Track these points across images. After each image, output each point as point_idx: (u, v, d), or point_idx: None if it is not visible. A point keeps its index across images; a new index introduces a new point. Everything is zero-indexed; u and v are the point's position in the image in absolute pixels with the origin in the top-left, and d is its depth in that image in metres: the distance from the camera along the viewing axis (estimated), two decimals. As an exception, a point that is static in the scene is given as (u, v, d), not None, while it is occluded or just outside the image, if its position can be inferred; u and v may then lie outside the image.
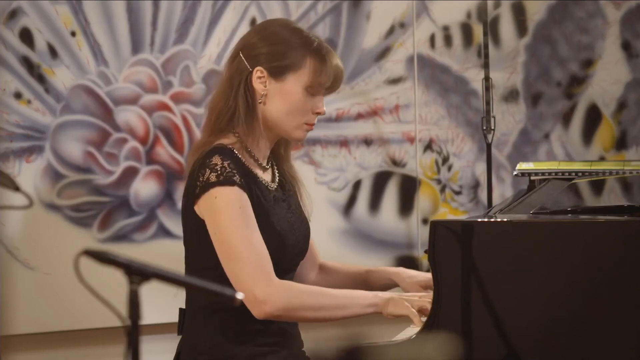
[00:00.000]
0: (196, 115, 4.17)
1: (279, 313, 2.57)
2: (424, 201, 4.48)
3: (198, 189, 2.60)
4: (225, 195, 2.58)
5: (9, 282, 3.99)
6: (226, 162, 2.60)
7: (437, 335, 2.43)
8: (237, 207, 2.58)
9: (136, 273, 1.90)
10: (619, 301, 2.37)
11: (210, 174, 2.59)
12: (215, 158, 2.60)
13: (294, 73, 2.66)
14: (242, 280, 2.56)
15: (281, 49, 2.67)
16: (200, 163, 2.62)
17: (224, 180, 2.58)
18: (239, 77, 2.68)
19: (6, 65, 3.97)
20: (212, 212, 2.59)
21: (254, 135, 2.69)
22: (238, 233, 2.56)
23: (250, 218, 2.59)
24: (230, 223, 2.57)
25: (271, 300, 2.55)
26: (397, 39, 4.43)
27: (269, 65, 2.66)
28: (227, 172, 2.58)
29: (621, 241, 2.40)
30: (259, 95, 2.67)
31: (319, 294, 2.61)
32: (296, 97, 2.66)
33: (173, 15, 4.15)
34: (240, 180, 2.59)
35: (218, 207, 2.58)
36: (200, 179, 2.60)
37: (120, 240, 4.10)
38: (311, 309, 2.59)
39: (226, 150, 2.64)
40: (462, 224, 2.48)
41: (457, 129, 4.51)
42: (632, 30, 4.70)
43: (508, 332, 2.39)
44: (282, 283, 2.59)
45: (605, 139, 4.69)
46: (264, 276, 2.56)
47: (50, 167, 4.03)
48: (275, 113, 2.67)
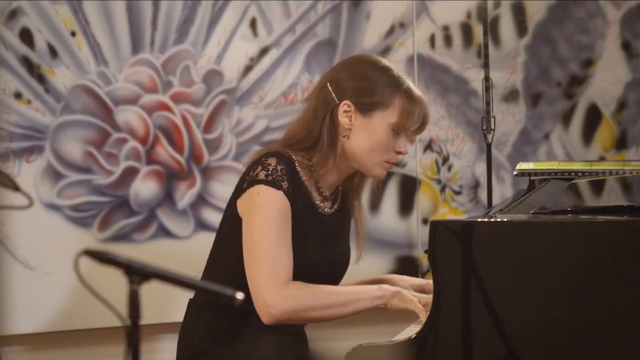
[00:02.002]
0: (196, 115, 4.17)
1: (286, 317, 2.57)
2: (424, 201, 4.48)
3: (246, 183, 2.61)
4: (267, 195, 2.58)
5: (9, 282, 3.99)
6: (280, 166, 2.60)
7: None
8: (276, 210, 2.58)
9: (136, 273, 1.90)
10: (619, 301, 2.37)
11: (261, 171, 2.59)
12: (271, 159, 2.61)
13: (382, 111, 2.65)
14: (256, 282, 2.56)
15: (370, 85, 2.66)
16: (256, 160, 2.63)
17: (271, 181, 2.58)
18: (324, 109, 2.67)
19: (6, 65, 3.98)
20: (250, 208, 2.59)
21: (326, 167, 2.68)
22: (267, 235, 2.56)
23: (285, 225, 2.59)
24: (264, 223, 2.57)
25: (279, 305, 2.55)
26: (397, 39, 4.43)
27: (357, 100, 2.65)
28: (277, 175, 2.59)
29: (621, 241, 2.40)
30: (343, 129, 2.67)
31: (327, 292, 2.61)
32: (381, 135, 2.65)
33: (173, 15, 4.15)
34: (287, 188, 2.59)
35: (257, 204, 2.58)
36: (250, 174, 2.61)
37: (120, 240, 4.10)
38: (320, 308, 2.60)
39: (286, 157, 2.64)
40: (462, 224, 2.48)
41: (457, 129, 4.51)
42: (632, 30, 4.70)
43: (508, 332, 2.39)
44: (292, 286, 2.57)
45: (605, 139, 4.69)
46: (278, 282, 2.55)
47: (50, 167, 4.03)
48: (357, 148, 2.66)
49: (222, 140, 4.22)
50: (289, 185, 2.60)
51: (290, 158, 2.65)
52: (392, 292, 2.61)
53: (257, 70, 4.26)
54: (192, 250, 4.17)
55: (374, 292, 2.62)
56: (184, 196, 4.18)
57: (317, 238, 2.68)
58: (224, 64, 4.22)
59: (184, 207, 4.18)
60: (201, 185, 4.20)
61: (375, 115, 2.65)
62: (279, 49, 4.29)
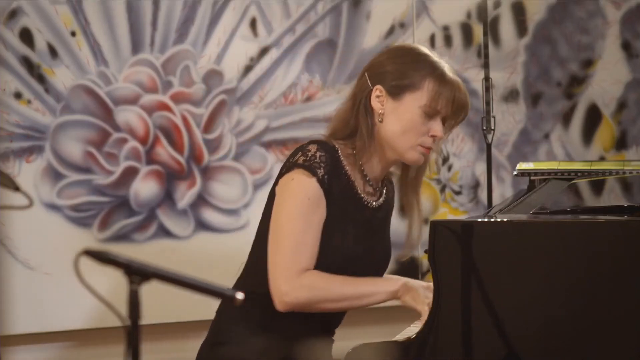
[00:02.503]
0: (196, 115, 4.17)
1: (300, 307, 2.57)
2: (424, 201, 4.47)
3: (285, 168, 2.61)
4: (302, 181, 2.58)
5: (9, 282, 3.99)
6: (320, 153, 2.60)
7: None
8: (307, 197, 2.57)
9: (136, 273, 1.90)
10: (619, 301, 2.37)
11: (300, 156, 2.59)
12: (312, 146, 2.61)
13: (412, 93, 2.63)
14: (275, 268, 2.56)
15: (404, 68, 2.65)
16: (299, 147, 2.64)
17: (308, 166, 2.58)
18: (361, 95, 2.68)
19: (6, 65, 3.98)
20: (282, 192, 2.59)
21: (369, 153, 2.67)
22: (294, 222, 2.56)
23: (314, 214, 2.57)
24: (292, 209, 2.57)
25: (293, 293, 2.55)
26: (397, 39, 4.43)
27: (389, 84, 2.65)
28: (314, 161, 2.59)
29: (621, 241, 2.40)
30: (377, 114, 2.66)
31: (343, 283, 2.60)
32: (412, 117, 2.63)
33: (173, 15, 4.15)
34: (322, 176, 2.58)
35: (289, 189, 2.58)
36: (290, 160, 2.61)
37: (120, 240, 4.10)
38: (334, 300, 2.59)
39: (328, 146, 2.64)
40: (462, 224, 2.48)
41: (457, 129, 4.50)
42: (632, 30, 4.70)
43: (508, 332, 2.39)
44: (308, 275, 2.56)
45: (605, 139, 4.69)
46: (296, 270, 2.55)
47: (50, 167, 4.03)
48: (390, 132, 2.65)
49: (222, 140, 4.22)
50: (325, 173, 2.58)
51: (333, 147, 2.64)
52: (407, 288, 2.61)
53: (257, 70, 4.26)
54: (192, 250, 4.17)
55: (389, 286, 2.61)
56: (184, 196, 4.18)
57: (358, 231, 2.66)
58: (224, 64, 4.22)
59: (184, 207, 4.18)
60: (201, 185, 4.20)
61: (405, 97, 2.64)
62: (279, 49, 4.29)
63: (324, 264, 2.59)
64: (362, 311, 2.71)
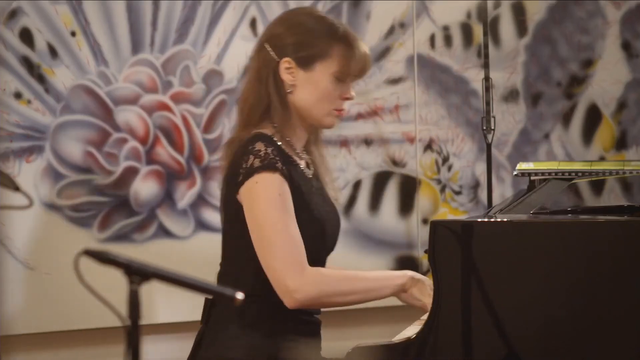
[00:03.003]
0: (196, 115, 4.17)
1: (311, 302, 2.58)
2: (424, 201, 4.48)
3: (241, 175, 2.60)
4: (266, 180, 2.58)
5: (9, 282, 3.99)
6: (269, 149, 2.60)
7: None
8: (277, 193, 2.58)
9: (136, 273, 1.90)
10: (619, 301, 2.37)
11: (254, 159, 2.59)
12: (259, 144, 2.61)
13: (322, 62, 2.67)
14: (274, 269, 2.56)
15: (307, 38, 2.68)
16: (242, 151, 2.62)
17: (267, 165, 2.58)
18: (266, 69, 2.69)
19: (6, 65, 3.98)
20: (251, 197, 2.59)
21: (290, 125, 2.70)
22: (274, 220, 2.56)
23: (289, 206, 2.59)
24: (268, 210, 2.57)
25: (302, 290, 2.55)
26: (397, 39, 4.43)
27: (296, 55, 2.67)
28: (270, 158, 2.59)
29: (621, 241, 2.40)
30: (288, 85, 2.68)
31: (350, 278, 2.62)
32: (325, 85, 2.67)
33: (173, 15, 4.15)
34: (282, 168, 2.60)
35: (258, 192, 2.58)
36: (243, 166, 2.60)
37: (120, 240, 4.10)
38: (343, 294, 2.61)
39: (268, 137, 2.65)
40: (462, 224, 2.48)
41: (457, 129, 4.51)
42: (632, 30, 4.70)
43: (508, 332, 2.39)
44: (314, 271, 2.58)
45: (605, 139, 4.69)
46: (296, 265, 2.56)
47: (50, 167, 4.03)
48: (305, 102, 2.68)
49: (222, 140, 4.21)
50: (282, 164, 2.61)
51: (269, 135, 2.66)
52: (414, 281, 2.63)
53: (257, 70, 4.25)
54: (192, 250, 4.17)
55: (397, 279, 2.63)
56: (184, 196, 4.18)
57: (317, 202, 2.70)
58: (224, 64, 4.22)
59: (184, 207, 4.18)
60: (201, 185, 4.20)
61: (316, 67, 2.67)
62: (279, 49, 4.29)
63: (307, 244, 2.60)
64: (362, 311, 2.72)
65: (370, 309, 3.60)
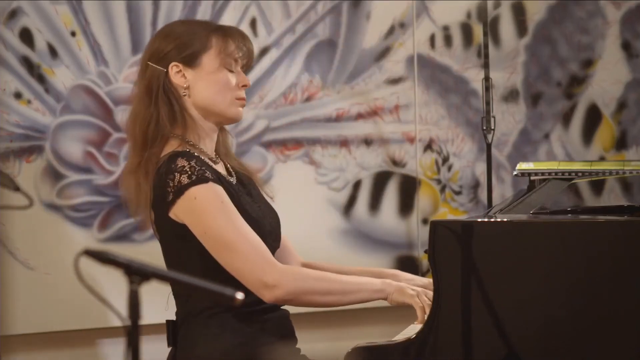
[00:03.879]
0: (196, 115, 4.17)
1: (290, 297, 2.58)
2: (424, 201, 4.48)
3: (171, 195, 2.58)
4: (204, 193, 2.57)
5: (9, 282, 3.99)
6: (192, 162, 2.60)
7: None
8: (219, 202, 2.58)
9: (136, 273, 1.90)
10: (619, 301, 2.37)
11: (181, 176, 2.57)
12: (179, 160, 2.59)
13: (206, 54, 2.70)
14: (246, 272, 2.56)
15: (185, 39, 2.71)
16: (164, 170, 2.60)
17: (197, 179, 2.57)
18: (156, 83, 2.70)
19: (6, 65, 3.97)
20: (195, 214, 2.58)
21: (194, 131, 2.71)
22: (228, 227, 2.56)
23: (234, 210, 2.60)
24: (217, 219, 2.56)
25: (282, 284, 2.56)
26: (397, 39, 4.43)
27: (180, 57, 2.70)
28: (197, 171, 2.58)
29: (621, 241, 2.40)
30: (182, 89, 2.70)
31: (327, 279, 2.63)
32: (218, 76, 2.70)
33: (173, 15, 4.15)
34: (212, 176, 2.60)
35: (200, 207, 2.57)
36: (170, 184, 2.58)
37: (120, 240, 4.10)
38: (320, 293, 2.60)
39: (184, 152, 2.63)
40: (462, 224, 2.48)
41: (457, 129, 4.51)
42: (632, 30, 4.70)
43: (508, 332, 2.39)
44: (289, 268, 2.61)
45: (605, 139, 4.69)
46: (268, 263, 2.57)
47: (50, 167, 4.03)
48: (204, 98, 2.70)
49: (222, 140, 4.22)
50: (211, 173, 2.60)
51: (183, 150, 2.64)
52: (394, 287, 2.62)
53: (257, 71, 4.26)
54: (192, 250, 4.16)
55: (375, 285, 2.63)
56: (184, 196, 4.17)
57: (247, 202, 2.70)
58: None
59: (184, 207, 4.18)
60: (201, 185, 4.19)
61: (203, 61, 2.70)
62: (279, 49, 4.29)
63: None
64: (362, 311, 2.72)
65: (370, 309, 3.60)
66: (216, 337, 2.63)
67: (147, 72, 2.73)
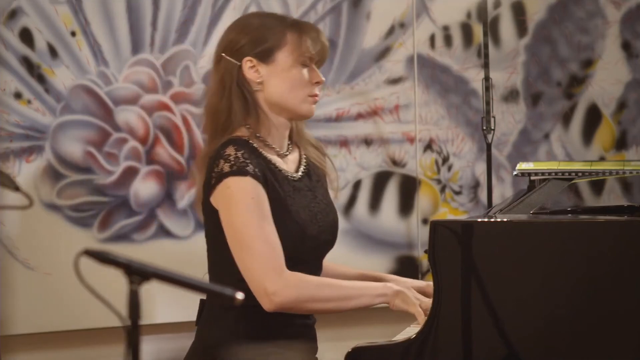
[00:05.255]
0: (196, 115, 4.17)
1: (289, 305, 2.57)
2: (424, 201, 4.48)
3: (213, 180, 2.60)
4: (238, 185, 2.58)
5: (9, 282, 3.99)
6: (240, 152, 2.60)
7: None
8: (250, 197, 2.58)
9: (136, 273, 1.90)
10: (619, 301, 2.37)
11: (224, 164, 2.59)
12: (229, 149, 2.61)
13: (281, 50, 2.69)
14: (252, 273, 2.56)
15: (260, 33, 2.70)
16: (215, 155, 2.63)
17: (236, 170, 2.58)
18: (230, 76, 2.70)
19: (6, 65, 3.98)
20: (225, 203, 2.59)
21: (264, 125, 2.70)
22: (250, 224, 2.56)
23: (264, 209, 2.59)
24: (243, 214, 2.57)
25: (281, 293, 2.55)
26: (397, 39, 4.43)
27: (255, 52, 2.69)
28: (240, 162, 2.59)
29: (621, 241, 2.40)
30: (255, 83, 2.70)
31: (329, 285, 2.62)
32: (292, 72, 2.69)
33: (173, 15, 4.15)
34: (253, 171, 2.59)
35: (231, 197, 2.58)
36: (215, 170, 2.60)
37: (120, 240, 4.10)
38: (321, 300, 2.60)
39: (240, 140, 2.65)
40: (462, 224, 2.48)
41: (457, 129, 4.52)
42: (632, 30, 4.70)
43: (508, 332, 2.39)
44: (293, 275, 2.58)
45: (605, 139, 4.69)
46: (275, 269, 2.55)
47: (50, 167, 4.03)
48: (277, 94, 2.69)
49: (222, 140, 4.22)
50: (254, 167, 2.60)
51: (242, 138, 2.66)
52: (395, 292, 2.61)
53: (257, 70, 4.25)
54: (192, 250, 4.17)
55: (377, 290, 2.62)
56: (184, 196, 4.18)
57: (299, 202, 2.68)
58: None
59: (184, 207, 4.18)
60: (201, 185, 4.19)
61: (277, 57, 2.69)
62: (279, 49, 4.29)
63: (288, 246, 2.60)
64: (362, 311, 2.71)
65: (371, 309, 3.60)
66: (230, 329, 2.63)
67: (220, 63, 2.72)
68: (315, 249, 2.73)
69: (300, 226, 2.65)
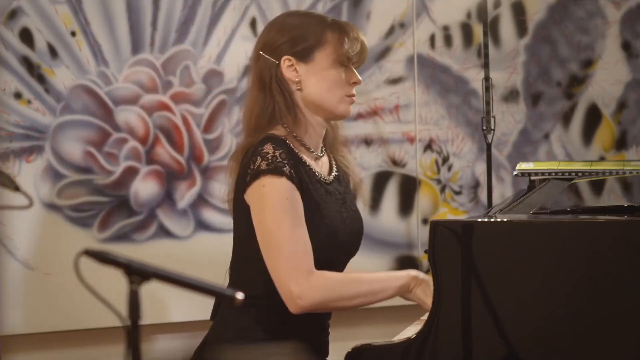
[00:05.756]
0: (196, 115, 4.17)
1: (314, 308, 2.56)
2: (424, 201, 4.48)
3: (249, 176, 2.59)
4: (273, 184, 2.57)
5: (9, 282, 3.99)
6: (278, 152, 2.59)
7: None
8: (284, 198, 2.57)
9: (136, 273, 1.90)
10: (619, 301, 2.37)
11: (261, 161, 2.58)
12: (267, 146, 2.60)
13: (320, 50, 2.67)
14: (279, 274, 2.55)
15: (299, 32, 2.68)
16: (252, 151, 2.61)
17: (273, 169, 2.57)
18: (268, 74, 2.68)
19: (6, 65, 3.98)
20: (259, 201, 2.58)
21: (301, 125, 2.70)
22: (281, 224, 2.55)
23: (297, 211, 2.58)
24: (275, 214, 2.56)
25: (306, 296, 2.54)
26: (397, 39, 4.43)
27: (293, 51, 2.67)
28: (277, 162, 2.58)
29: (621, 241, 2.40)
30: (293, 83, 2.68)
31: (354, 281, 2.61)
32: (330, 72, 2.67)
33: (173, 15, 4.15)
34: (290, 172, 2.58)
35: (265, 195, 2.57)
36: (251, 167, 2.59)
37: (120, 240, 4.10)
38: (347, 298, 2.60)
39: (279, 139, 2.63)
40: (462, 224, 2.48)
41: (457, 129, 4.51)
42: (632, 30, 4.70)
43: (508, 332, 2.39)
44: (318, 276, 2.56)
45: (605, 139, 4.69)
46: (302, 271, 2.55)
47: (50, 167, 4.03)
48: (315, 94, 2.68)
49: (222, 140, 4.22)
50: (290, 168, 2.59)
51: (280, 137, 2.64)
52: (418, 281, 2.62)
53: (257, 70, 4.25)
54: (192, 250, 4.17)
55: (400, 280, 2.62)
56: (184, 196, 4.18)
57: (331, 207, 2.68)
58: (224, 64, 4.22)
59: (184, 207, 4.18)
60: (201, 185, 4.20)
61: (316, 57, 2.67)
62: (279, 49, 4.29)
63: (317, 249, 2.59)
64: (362, 311, 2.72)
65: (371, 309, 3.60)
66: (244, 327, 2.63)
67: (258, 61, 2.71)
68: (342, 255, 2.72)
69: (331, 230, 2.65)
